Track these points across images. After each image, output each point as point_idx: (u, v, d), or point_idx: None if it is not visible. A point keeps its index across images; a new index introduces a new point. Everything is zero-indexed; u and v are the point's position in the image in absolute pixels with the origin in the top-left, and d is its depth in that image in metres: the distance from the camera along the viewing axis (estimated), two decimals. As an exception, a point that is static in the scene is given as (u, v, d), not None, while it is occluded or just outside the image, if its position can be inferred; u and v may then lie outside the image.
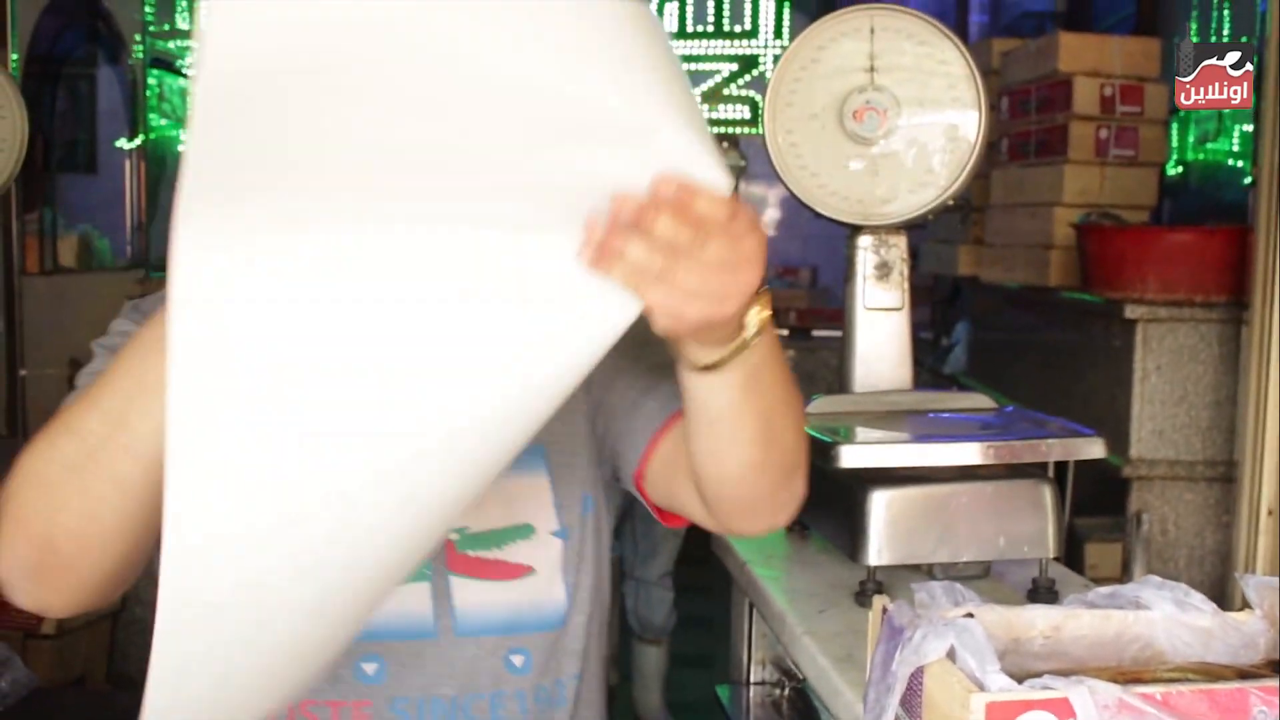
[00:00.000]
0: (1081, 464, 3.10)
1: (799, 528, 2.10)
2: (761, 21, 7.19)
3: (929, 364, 5.27)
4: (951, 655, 1.20)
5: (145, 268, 3.79)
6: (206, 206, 0.80)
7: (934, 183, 2.01)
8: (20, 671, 2.32)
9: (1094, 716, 1.12)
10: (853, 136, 2.01)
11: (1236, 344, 2.97)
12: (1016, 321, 4.14)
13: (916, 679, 1.25)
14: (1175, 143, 4.77)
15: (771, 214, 7.64)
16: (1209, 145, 4.50)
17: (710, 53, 7.28)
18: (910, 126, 2.01)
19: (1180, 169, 4.75)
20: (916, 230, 4.95)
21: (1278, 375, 2.72)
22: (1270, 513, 2.77)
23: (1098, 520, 3.32)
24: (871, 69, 2.01)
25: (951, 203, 2.06)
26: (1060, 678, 1.15)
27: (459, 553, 1.29)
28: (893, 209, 2.02)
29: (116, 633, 2.91)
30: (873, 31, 2.01)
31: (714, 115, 7.00)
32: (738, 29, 7.23)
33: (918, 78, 2.02)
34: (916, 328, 6.04)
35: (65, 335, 3.33)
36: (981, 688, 1.14)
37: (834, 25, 2.03)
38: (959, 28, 7.33)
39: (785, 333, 5.67)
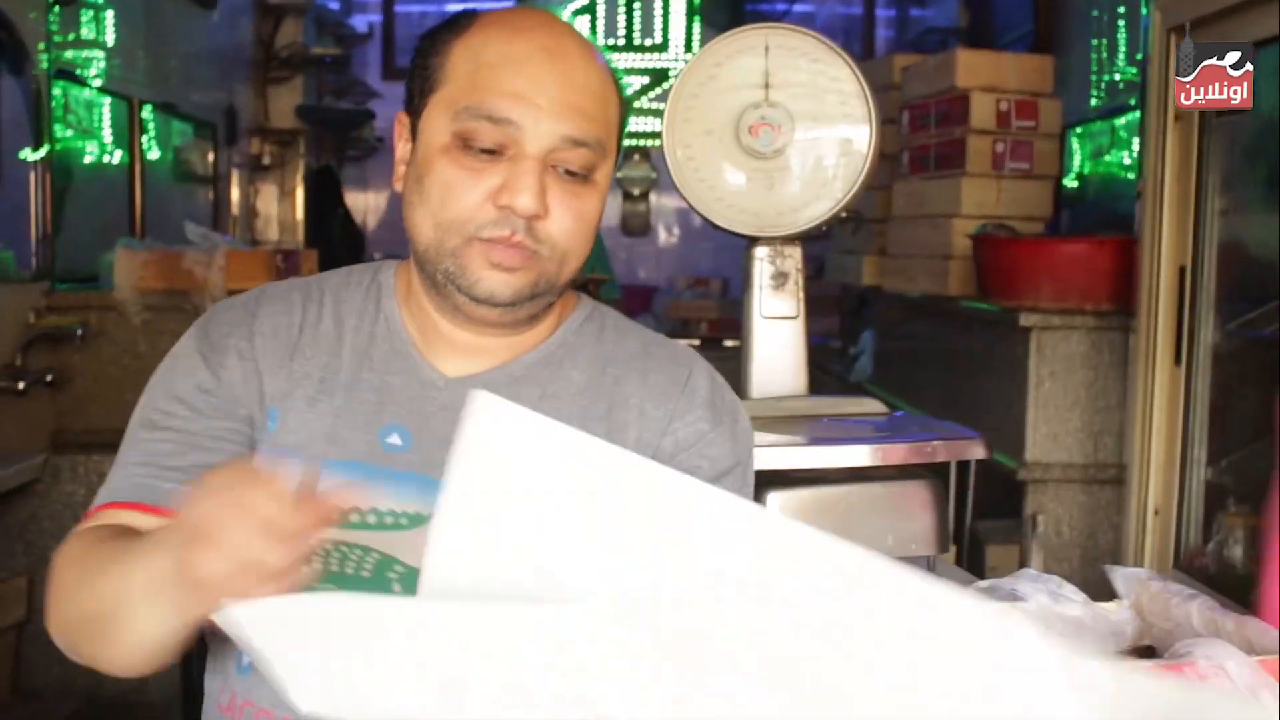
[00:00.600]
0: (983, 468, 3.20)
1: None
2: (671, 35, 7.29)
3: (836, 371, 5.37)
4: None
5: (51, 279, 3.74)
6: None
7: (828, 195, 2.09)
8: (-77, 685, 2.33)
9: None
10: (748, 151, 2.07)
11: (1126, 351, 3.08)
12: (919, 330, 4.24)
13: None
14: (1075, 156, 4.90)
15: (683, 225, 7.72)
16: (1104, 158, 4.64)
17: (621, 66, 7.35)
18: (804, 141, 2.08)
19: (1077, 182, 4.88)
20: (820, 241, 5.04)
21: (1165, 380, 2.83)
22: (1156, 512, 2.88)
23: (999, 523, 3.41)
24: (766, 85, 2.08)
25: (845, 214, 2.13)
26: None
27: None
28: (788, 221, 2.09)
29: (21, 646, 2.91)
30: (767, 49, 2.08)
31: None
32: (648, 42, 7.33)
33: (811, 94, 2.08)
34: (825, 336, 6.13)
35: (-33, 348, 3.31)
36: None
37: (730, 43, 2.10)
38: (866, 43, 7.47)
39: (698, 342, 5.74)
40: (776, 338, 2.13)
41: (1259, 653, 1.27)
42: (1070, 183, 4.90)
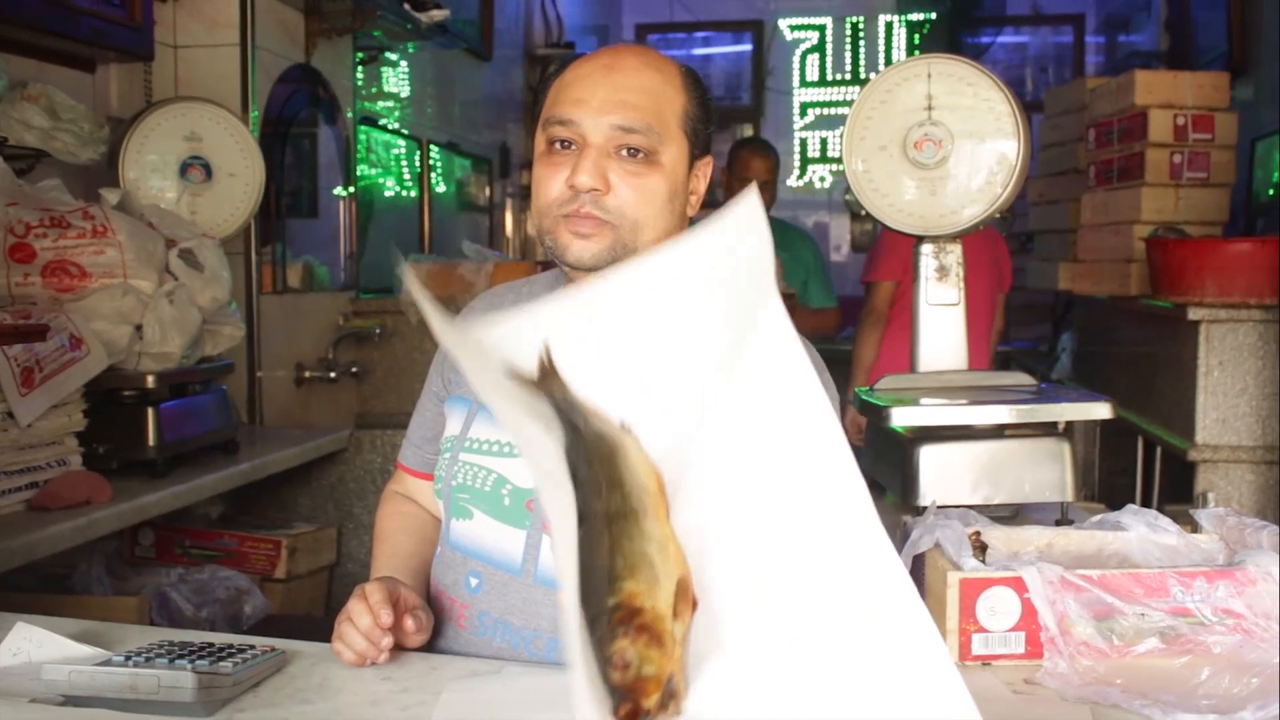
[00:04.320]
0: (1167, 456, 3.26)
1: (876, 486, 2.35)
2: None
3: (1040, 372, 5.39)
4: (940, 549, 1.45)
5: (356, 290, 4.19)
6: None
7: (983, 199, 2.24)
8: (260, 600, 2.71)
9: (1041, 590, 1.36)
10: (914, 162, 2.25)
11: (1290, 341, 3.09)
12: (1107, 328, 4.27)
13: (919, 568, 1.51)
14: (1269, 167, 4.82)
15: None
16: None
17: (848, 98, 7.52)
18: (962, 153, 2.24)
19: (1272, 190, 4.79)
20: (1024, 256, 5.08)
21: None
22: (1316, 488, 2.89)
23: (1181, 507, 3.44)
24: (929, 107, 2.26)
25: (999, 215, 2.29)
26: (1017, 561, 1.39)
27: None
28: (949, 221, 2.25)
29: (333, 583, 3.30)
30: (930, 77, 2.26)
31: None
32: (873, 75, 7.44)
33: (969, 114, 2.25)
34: (1035, 341, 6.13)
35: (292, 343, 3.75)
36: (957, 568, 1.39)
37: (899, 72, 2.28)
38: (1076, 68, 7.41)
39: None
40: (940, 321, 2.29)
41: (1312, 565, 1.40)
42: (1266, 192, 4.82)
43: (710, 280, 1.02)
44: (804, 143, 7.92)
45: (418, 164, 5.24)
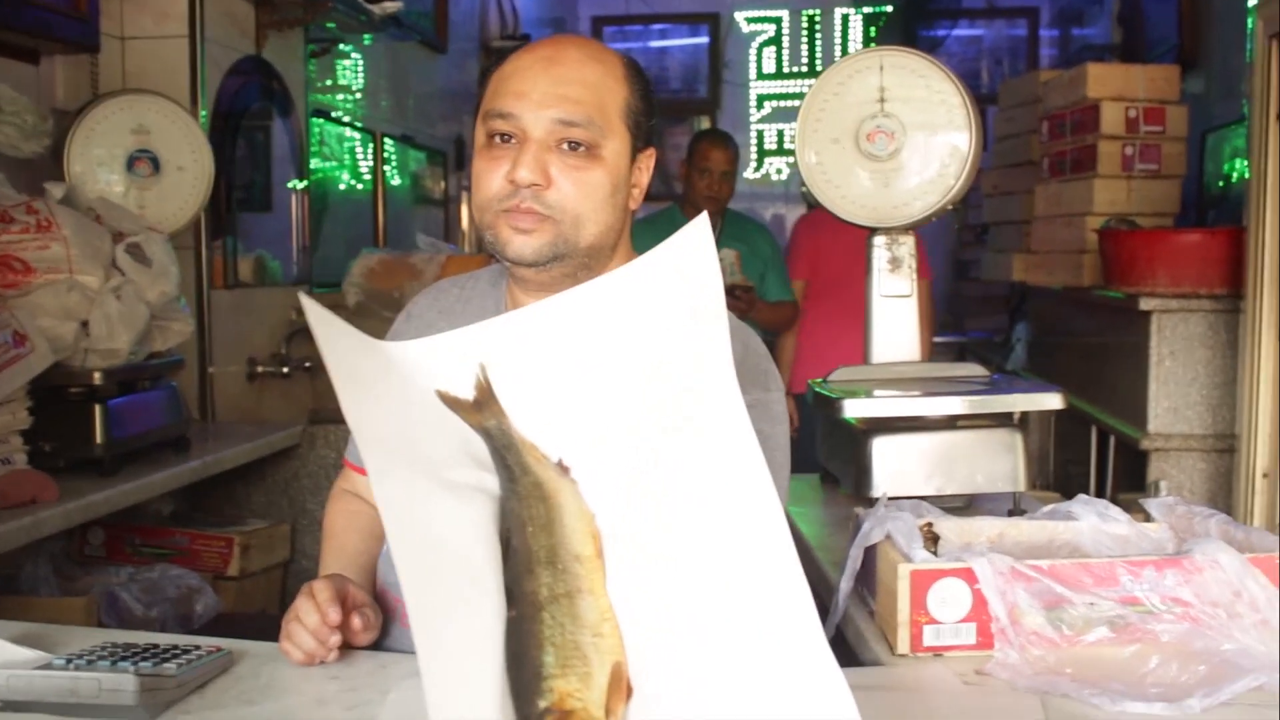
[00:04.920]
0: (1120, 445, 3.27)
1: (830, 478, 2.35)
2: (848, 61, 7.40)
3: (995, 363, 5.43)
4: (891, 541, 1.45)
5: (309, 283, 4.15)
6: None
7: (936, 190, 2.25)
8: (211, 599, 2.68)
9: (992, 581, 1.36)
10: (867, 155, 2.25)
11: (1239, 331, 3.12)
12: (1061, 319, 4.30)
13: (870, 559, 1.51)
14: (1220, 159, 4.87)
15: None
16: (1239, 160, 4.61)
17: (804, 90, 7.53)
18: (915, 145, 2.24)
19: (1222, 183, 4.85)
20: (979, 247, 5.09)
21: (1271, 356, 2.88)
22: (1265, 475, 2.92)
23: (1133, 495, 3.47)
24: (881, 100, 2.26)
25: (951, 207, 2.29)
26: (968, 552, 1.39)
27: None
28: (902, 213, 2.26)
29: (287, 580, 3.26)
30: (882, 69, 2.26)
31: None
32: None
33: (921, 106, 2.25)
34: (990, 332, 6.18)
35: (244, 338, 3.71)
36: (908, 560, 1.39)
37: (851, 65, 2.28)
38: (1030, 61, 7.46)
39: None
40: (892, 313, 2.30)
41: (1257, 554, 1.41)
42: (1217, 183, 4.87)
43: (655, 310, 1.01)
44: (761, 135, 7.92)
45: (371, 157, 5.20)
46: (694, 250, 1.00)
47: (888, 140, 2.25)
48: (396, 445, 0.97)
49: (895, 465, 1.97)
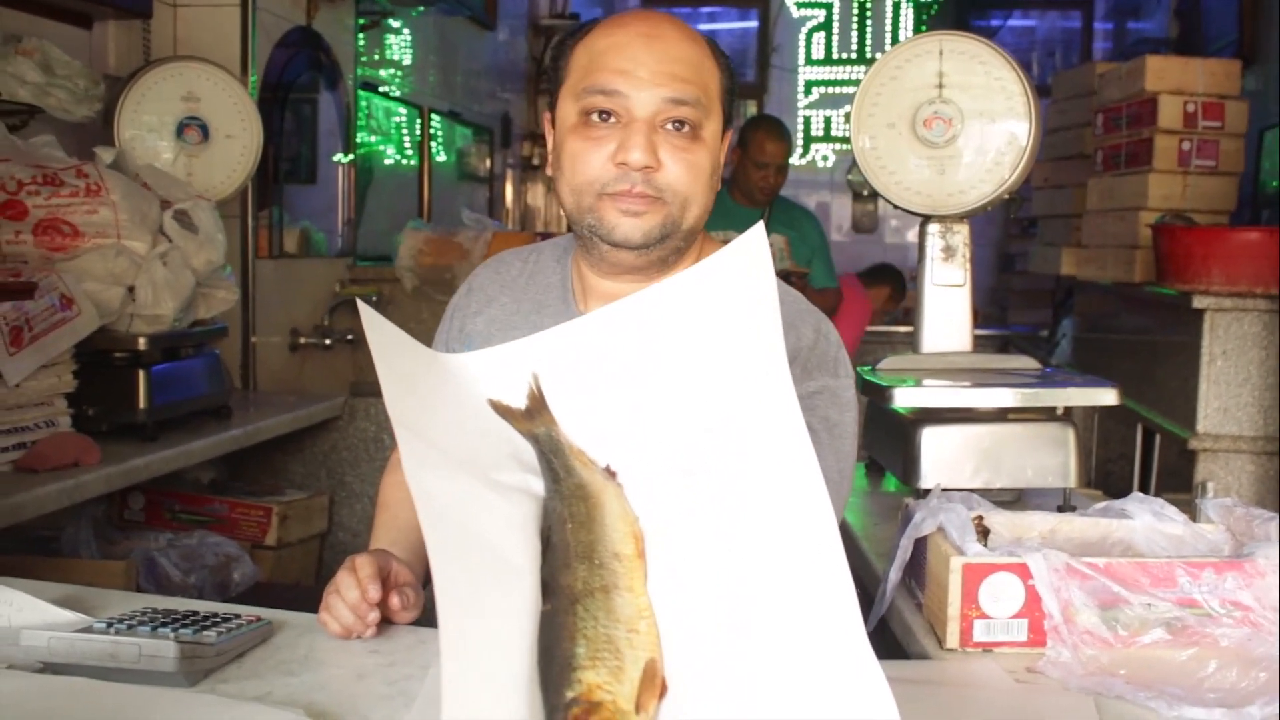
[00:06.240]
0: (1165, 444, 3.22)
1: (875, 466, 2.32)
2: (898, 49, 7.33)
3: (1040, 357, 5.35)
4: (943, 533, 1.42)
5: (353, 256, 4.15)
6: None
7: (992, 179, 2.21)
8: (249, 567, 2.68)
9: (1046, 577, 1.33)
10: (923, 141, 2.21)
11: (1295, 332, 3.06)
12: (1110, 315, 4.23)
13: (920, 551, 1.48)
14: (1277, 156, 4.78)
15: (904, 221, 7.76)
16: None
17: (854, 77, 7.46)
18: (972, 133, 2.20)
19: (1277, 181, 4.76)
20: (1028, 240, 5.01)
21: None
22: (1316, 480, 2.86)
23: (1182, 496, 3.42)
24: (940, 85, 2.22)
25: (1007, 197, 2.25)
26: (1021, 547, 1.36)
27: None
28: (956, 201, 2.22)
29: (324, 551, 3.26)
30: (941, 54, 2.22)
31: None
32: (879, 56, 7.39)
33: (980, 93, 2.21)
34: (1035, 326, 6.11)
35: (288, 308, 3.71)
36: (961, 553, 1.36)
37: (910, 49, 2.24)
38: (1084, 53, 7.35)
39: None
40: (944, 302, 2.26)
41: (1321, 559, 1.37)
42: (1272, 183, 4.78)
43: (709, 320, 1.00)
44: (808, 121, 7.86)
45: (418, 132, 5.19)
46: (750, 261, 0.99)
47: (945, 127, 2.21)
48: (439, 440, 0.98)
49: (944, 456, 1.94)
